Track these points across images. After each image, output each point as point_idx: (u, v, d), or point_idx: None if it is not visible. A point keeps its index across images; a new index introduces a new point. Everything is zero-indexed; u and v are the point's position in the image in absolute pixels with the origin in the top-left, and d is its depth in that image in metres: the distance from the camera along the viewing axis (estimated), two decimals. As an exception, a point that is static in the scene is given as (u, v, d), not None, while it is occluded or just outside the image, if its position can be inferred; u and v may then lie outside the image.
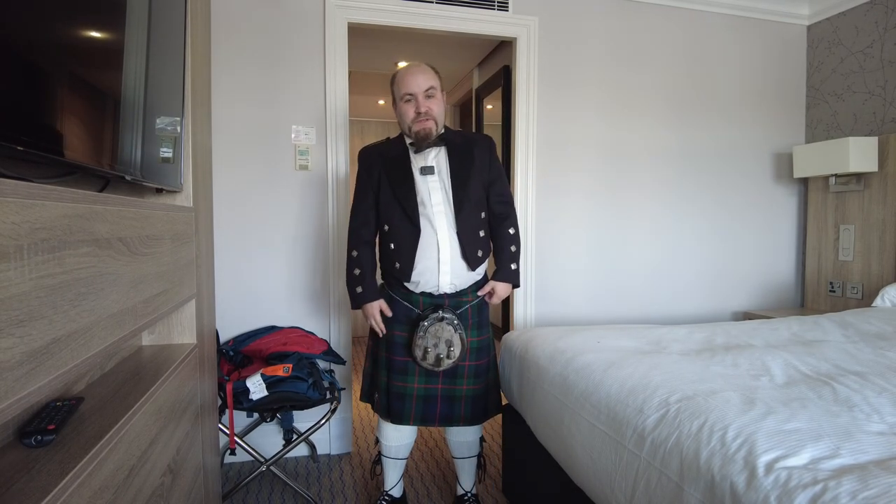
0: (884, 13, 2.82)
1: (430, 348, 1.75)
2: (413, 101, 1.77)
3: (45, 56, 0.78)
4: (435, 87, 1.79)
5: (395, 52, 3.75)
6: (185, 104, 1.38)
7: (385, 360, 1.85)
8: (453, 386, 1.84)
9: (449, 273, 1.78)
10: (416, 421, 1.83)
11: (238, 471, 2.43)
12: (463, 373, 1.84)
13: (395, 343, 1.84)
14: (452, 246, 1.77)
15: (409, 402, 1.83)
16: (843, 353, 1.65)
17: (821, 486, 0.86)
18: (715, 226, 3.15)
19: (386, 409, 1.85)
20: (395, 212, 1.79)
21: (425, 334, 1.75)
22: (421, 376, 1.82)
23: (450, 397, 1.85)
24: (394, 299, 1.85)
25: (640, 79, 2.98)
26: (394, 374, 1.83)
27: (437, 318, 1.75)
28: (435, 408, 1.84)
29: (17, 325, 0.61)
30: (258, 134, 2.50)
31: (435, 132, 1.79)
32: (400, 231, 1.79)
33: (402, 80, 1.79)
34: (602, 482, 1.34)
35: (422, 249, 1.76)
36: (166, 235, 1.20)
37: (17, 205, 0.61)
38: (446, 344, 1.76)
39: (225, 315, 2.44)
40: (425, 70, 1.80)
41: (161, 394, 1.13)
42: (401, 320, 1.83)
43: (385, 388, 1.85)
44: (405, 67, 1.82)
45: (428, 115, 1.77)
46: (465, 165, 1.82)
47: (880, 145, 2.73)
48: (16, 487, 0.68)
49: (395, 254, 1.80)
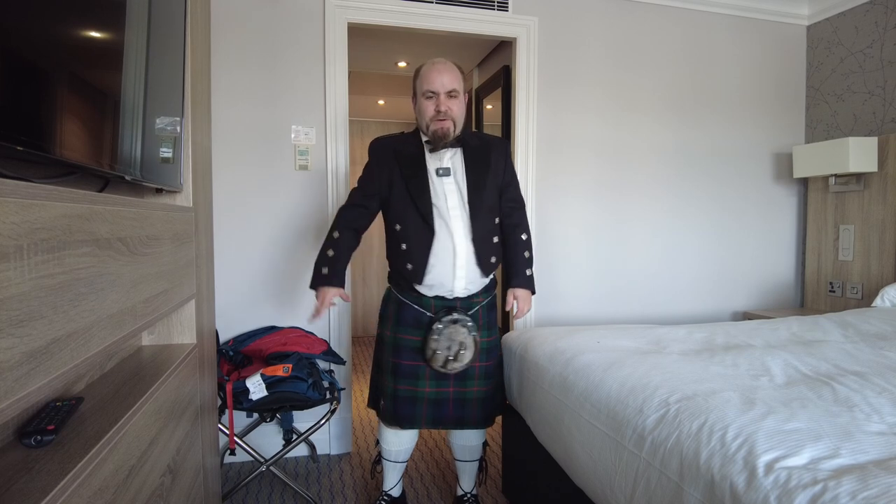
0: (883, 13, 2.82)
1: (441, 351, 1.73)
2: (434, 99, 1.73)
3: (45, 56, 0.78)
4: (458, 88, 1.76)
5: (395, 52, 3.75)
6: (184, 104, 1.38)
7: (391, 364, 1.81)
8: (464, 388, 1.83)
9: (464, 278, 1.76)
10: (428, 424, 1.81)
11: (238, 471, 2.43)
12: (474, 374, 1.83)
13: (404, 347, 1.80)
14: (468, 251, 1.75)
15: (419, 406, 1.80)
16: (842, 353, 1.65)
17: (821, 487, 0.86)
18: (715, 226, 3.15)
19: (392, 415, 1.81)
20: (409, 211, 1.75)
21: (440, 337, 1.73)
22: (432, 379, 1.80)
23: (461, 399, 1.83)
24: (404, 304, 1.81)
25: (640, 79, 2.98)
26: (400, 378, 1.80)
27: (451, 320, 1.73)
28: (447, 410, 1.82)
29: (17, 325, 0.61)
30: (258, 134, 2.50)
31: (452, 133, 1.76)
32: (413, 231, 1.74)
33: (426, 76, 1.74)
34: (602, 482, 1.34)
35: (437, 253, 1.73)
36: (166, 235, 1.20)
37: (17, 205, 0.61)
38: (459, 346, 1.74)
39: (225, 315, 2.44)
40: (452, 69, 1.75)
41: (161, 394, 1.13)
42: (410, 324, 1.79)
43: (391, 394, 1.81)
44: (432, 63, 1.76)
45: (447, 115, 1.73)
46: (481, 170, 1.80)
47: (880, 145, 2.73)
48: (16, 487, 0.68)
49: (407, 254, 1.75)
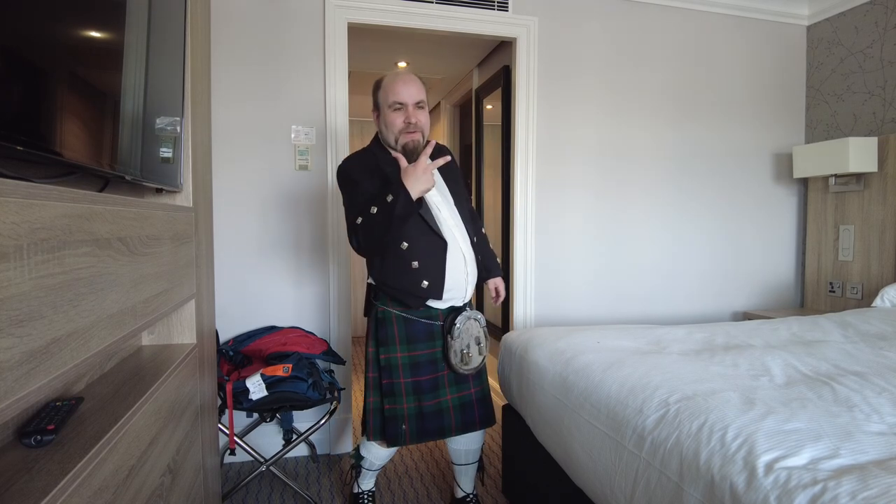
0: (883, 13, 2.82)
1: (465, 349, 1.76)
2: (403, 111, 1.71)
3: (45, 56, 0.78)
4: (424, 100, 1.75)
5: (395, 52, 3.74)
6: (184, 104, 1.38)
7: (412, 385, 1.75)
8: (481, 387, 1.86)
9: (472, 283, 1.81)
10: (458, 431, 1.80)
11: (238, 471, 2.43)
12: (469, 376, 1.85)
13: (421, 363, 1.76)
14: (472, 255, 1.81)
15: (447, 415, 1.79)
16: (842, 353, 1.65)
17: (820, 487, 0.87)
18: (715, 226, 3.15)
19: (421, 432, 1.75)
20: (417, 226, 1.68)
21: (460, 335, 1.75)
22: (452, 386, 1.80)
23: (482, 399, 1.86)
24: (410, 321, 1.76)
25: (640, 79, 2.98)
26: (424, 394, 1.76)
27: (466, 316, 1.76)
28: (472, 412, 1.83)
29: (16, 325, 0.61)
30: (258, 134, 2.50)
31: (421, 146, 1.74)
32: (425, 246, 1.69)
33: (391, 88, 1.72)
34: (602, 482, 1.34)
35: (451, 263, 1.73)
36: (166, 235, 1.20)
37: (17, 205, 0.61)
38: (476, 341, 1.78)
39: (225, 315, 2.44)
40: (416, 81, 1.74)
41: (161, 394, 1.13)
42: (423, 339, 1.76)
43: (416, 413, 1.75)
44: (394, 75, 1.75)
45: (417, 127, 1.72)
46: (453, 178, 1.87)
47: (880, 145, 2.73)
48: (15, 487, 0.68)
49: (420, 272, 1.69)
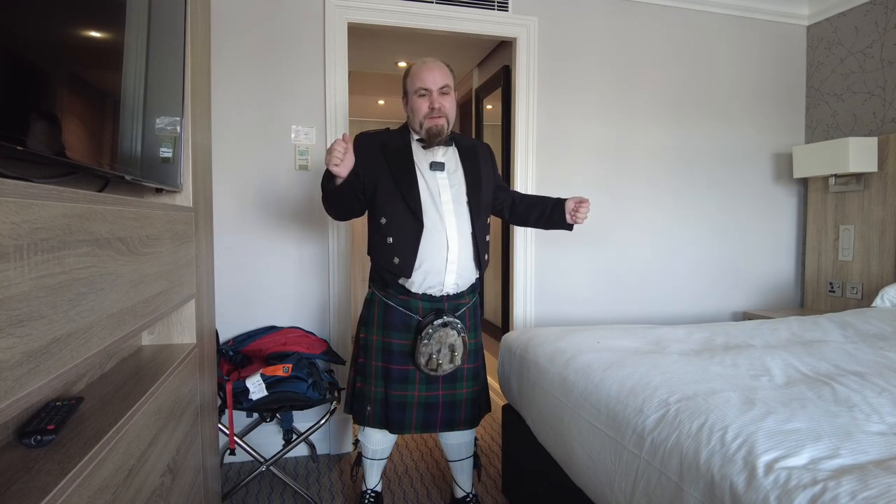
0: (883, 13, 2.82)
1: (433, 354, 1.73)
2: (428, 97, 1.75)
3: (45, 56, 0.78)
4: (449, 85, 1.79)
5: (395, 52, 3.75)
6: (184, 104, 1.38)
7: (381, 369, 1.81)
8: (453, 390, 1.84)
9: (455, 273, 1.76)
10: (418, 429, 1.81)
11: (238, 471, 2.43)
12: (462, 375, 1.84)
13: (394, 351, 1.80)
14: (462, 246, 1.76)
15: (409, 411, 1.80)
16: (842, 353, 1.65)
17: (820, 487, 0.86)
18: (714, 226, 3.14)
19: (384, 420, 1.82)
20: (397, 204, 1.74)
21: (430, 340, 1.73)
22: (422, 384, 1.81)
23: (451, 402, 1.84)
24: (390, 307, 1.81)
25: (640, 79, 2.98)
26: (393, 383, 1.80)
27: (441, 323, 1.73)
28: (436, 414, 1.83)
29: (16, 325, 0.61)
30: (258, 134, 2.50)
31: (446, 130, 1.78)
32: (400, 225, 1.74)
33: (417, 74, 1.77)
34: (602, 482, 1.34)
35: (428, 246, 1.73)
36: (166, 235, 1.20)
37: (17, 205, 0.61)
38: (449, 349, 1.75)
39: (225, 315, 2.44)
40: (442, 67, 1.78)
41: (161, 394, 1.13)
42: (399, 328, 1.79)
43: (382, 399, 1.81)
44: (422, 62, 1.79)
45: (441, 113, 1.75)
46: (476, 169, 1.84)
47: (880, 145, 2.73)
48: (15, 487, 0.68)
49: (393, 248, 1.75)
